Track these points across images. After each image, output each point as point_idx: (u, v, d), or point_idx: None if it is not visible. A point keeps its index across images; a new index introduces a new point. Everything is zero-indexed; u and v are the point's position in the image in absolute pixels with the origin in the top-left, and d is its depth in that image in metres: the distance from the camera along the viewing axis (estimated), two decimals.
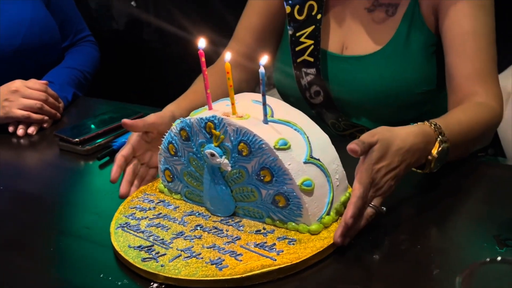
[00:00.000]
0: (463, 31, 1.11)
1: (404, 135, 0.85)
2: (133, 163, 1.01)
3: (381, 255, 0.78)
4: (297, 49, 1.25)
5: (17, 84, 1.35)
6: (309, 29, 1.24)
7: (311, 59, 1.23)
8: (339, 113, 1.24)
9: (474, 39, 1.10)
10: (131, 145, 1.01)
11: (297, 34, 1.25)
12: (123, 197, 0.98)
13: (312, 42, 1.23)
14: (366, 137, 0.80)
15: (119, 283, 0.77)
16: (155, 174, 1.04)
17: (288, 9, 1.26)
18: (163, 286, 0.75)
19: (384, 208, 0.82)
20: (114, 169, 0.98)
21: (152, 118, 1.02)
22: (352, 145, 0.77)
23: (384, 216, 0.83)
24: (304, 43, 1.24)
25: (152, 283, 0.76)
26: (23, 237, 0.93)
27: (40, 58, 1.54)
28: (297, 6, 1.25)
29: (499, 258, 0.52)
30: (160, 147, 0.95)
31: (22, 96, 1.33)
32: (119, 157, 0.99)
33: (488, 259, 0.52)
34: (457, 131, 0.95)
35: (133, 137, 1.02)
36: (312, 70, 1.23)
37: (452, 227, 0.88)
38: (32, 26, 1.52)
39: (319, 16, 1.23)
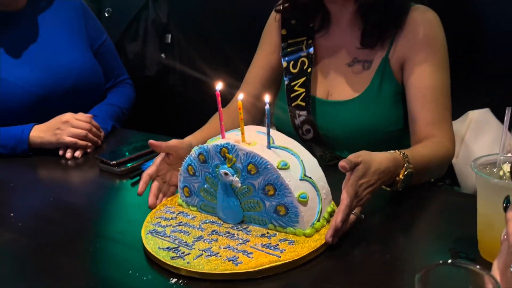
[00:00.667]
0: (424, 86, 1.15)
1: (380, 159, 0.90)
2: (157, 180, 1.03)
3: (360, 256, 0.82)
4: (291, 95, 1.26)
5: (68, 116, 1.37)
6: (301, 80, 1.26)
7: (303, 104, 1.24)
8: (326, 147, 1.26)
9: (433, 93, 1.14)
10: (156, 166, 1.03)
11: (292, 84, 1.27)
12: (151, 207, 1.00)
13: (303, 90, 1.25)
14: (352, 157, 0.85)
15: (144, 278, 0.79)
16: (174, 191, 1.06)
17: (285, 64, 1.29)
18: (180, 281, 0.77)
19: (363, 216, 0.86)
20: (141, 184, 1.01)
21: (173, 142, 1.05)
22: (343, 163, 0.82)
23: (363, 230, 0.86)
24: (297, 91, 1.26)
25: (171, 278, 0.78)
26: (68, 240, 0.95)
27: (87, 96, 1.55)
28: (292, 62, 1.28)
29: (449, 261, 0.54)
30: (180, 168, 0.97)
31: (71, 126, 1.35)
32: (145, 175, 1.02)
33: (441, 262, 0.54)
34: (419, 161, 0.99)
35: (158, 160, 1.05)
36: (304, 113, 1.24)
37: (415, 241, 0.90)
38: (82, 71, 1.53)
39: (309, 70, 1.26)
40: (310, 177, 0.86)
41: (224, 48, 1.92)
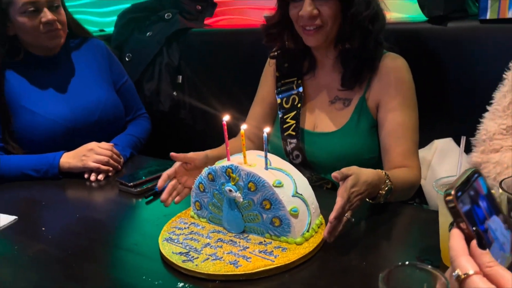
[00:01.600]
0: (396, 123, 1.17)
1: (368, 173, 0.93)
2: (174, 180, 1.06)
3: (341, 262, 0.83)
4: (284, 126, 1.28)
5: (92, 145, 1.38)
6: (292, 113, 1.28)
7: (294, 133, 1.26)
8: (312, 171, 1.26)
9: (403, 129, 1.17)
10: (174, 169, 1.07)
11: (285, 117, 1.29)
12: (163, 202, 1.04)
13: (294, 122, 1.27)
14: (344, 170, 0.88)
15: (156, 283, 0.81)
16: (188, 193, 1.06)
17: (279, 100, 1.31)
18: (186, 284, 0.79)
19: (353, 219, 0.87)
20: (160, 181, 1.05)
21: (191, 154, 1.08)
22: (335, 174, 0.87)
23: (344, 241, 0.87)
24: (289, 122, 1.28)
25: (179, 283, 0.79)
26: (91, 249, 0.96)
27: (110, 128, 1.55)
28: (285, 98, 1.31)
29: (407, 263, 0.55)
30: (195, 176, 0.98)
31: (95, 153, 1.35)
32: (164, 174, 1.05)
33: (400, 263, 0.55)
34: (396, 181, 1.01)
35: (177, 164, 1.08)
36: (294, 141, 1.26)
37: (388, 250, 0.90)
38: (106, 106, 1.54)
39: (299, 105, 1.28)
40: (301, 194, 0.88)
41: (227, 85, 1.93)
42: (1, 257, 0.97)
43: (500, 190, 0.70)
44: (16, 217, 1.10)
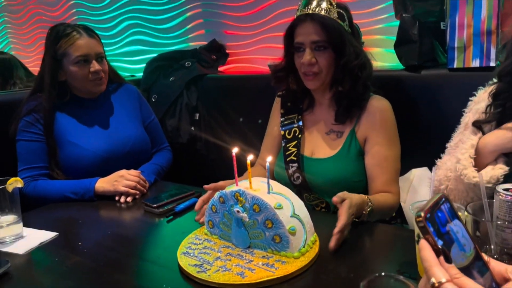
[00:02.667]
0: (381, 155, 1.21)
1: (356, 197, 1.00)
2: (206, 205, 1.07)
3: (332, 274, 0.83)
4: (286, 153, 1.31)
5: (123, 172, 1.39)
6: (294, 143, 1.32)
7: (295, 158, 1.29)
8: (310, 191, 1.28)
9: (386, 161, 1.21)
10: (208, 195, 1.11)
11: (287, 145, 1.32)
12: (197, 221, 1.09)
13: (295, 149, 1.30)
14: (340, 195, 0.96)
15: None
16: None
17: (282, 132, 1.35)
18: None
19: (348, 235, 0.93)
20: (197, 205, 1.11)
21: (221, 183, 1.11)
22: (335, 199, 0.94)
23: (335, 257, 0.88)
24: (291, 150, 1.31)
25: None
26: (120, 262, 0.96)
27: (138, 158, 1.56)
28: (287, 130, 1.35)
29: (383, 273, 0.56)
30: (206, 206, 0.99)
31: (125, 179, 1.36)
32: (200, 200, 1.11)
33: (377, 274, 0.56)
34: (377, 204, 1.06)
35: (209, 192, 1.12)
36: (295, 165, 1.28)
37: (372, 264, 0.89)
38: (136, 140, 1.56)
39: (299, 136, 1.32)
40: (298, 215, 0.89)
41: (236, 122, 1.96)
42: (44, 267, 0.98)
43: (466, 213, 0.72)
44: (57, 233, 1.11)
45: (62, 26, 1.48)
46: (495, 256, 0.70)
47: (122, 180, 1.37)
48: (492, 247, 0.70)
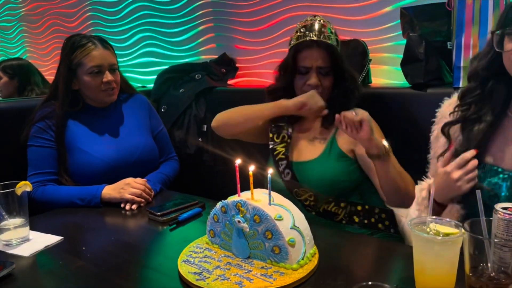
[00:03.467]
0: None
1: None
2: None
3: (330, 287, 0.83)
4: (275, 153, 1.41)
5: (129, 180, 1.40)
6: (282, 145, 1.42)
7: (283, 156, 1.39)
8: (299, 186, 1.35)
9: None
10: None
11: (275, 147, 1.42)
12: None
13: (283, 149, 1.41)
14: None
15: None
16: None
17: (271, 135, 1.45)
18: None
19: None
20: None
21: None
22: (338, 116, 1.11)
23: (333, 269, 0.89)
24: (279, 150, 1.41)
25: None
26: (122, 268, 0.96)
27: (145, 167, 1.57)
28: (276, 134, 1.44)
29: (370, 283, 0.58)
30: (209, 216, 1.00)
31: (131, 187, 1.37)
32: None
33: (364, 283, 0.58)
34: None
35: None
36: (284, 162, 1.38)
37: (369, 278, 0.81)
38: (144, 149, 1.57)
39: (288, 140, 1.42)
40: (298, 227, 0.89)
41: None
42: (47, 270, 1.00)
43: (463, 230, 0.72)
44: (62, 237, 1.12)
45: (78, 37, 1.52)
46: (492, 274, 0.70)
47: (128, 188, 1.38)
48: (489, 265, 0.70)
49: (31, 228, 1.14)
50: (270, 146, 1.43)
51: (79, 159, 1.48)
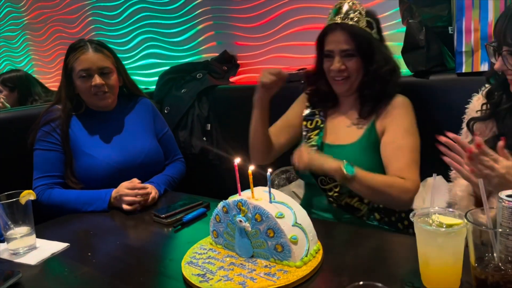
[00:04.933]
0: (394, 144, 1.24)
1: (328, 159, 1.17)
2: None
3: (334, 284, 0.83)
4: (308, 140, 1.36)
5: (120, 190, 1.38)
6: (316, 131, 1.38)
7: (315, 143, 1.34)
8: (326, 175, 1.28)
9: (400, 149, 1.23)
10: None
11: (308, 134, 1.38)
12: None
13: (317, 137, 1.36)
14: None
15: None
16: None
17: (304, 123, 1.42)
18: None
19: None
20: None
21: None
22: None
23: (337, 265, 0.88)
24: (312, 138, 1.37)
25: None
26: (127, 272, 0.97)
27: (150, 169, 1.57)
28: (309, 121, 1.40)
29: (361, 283, 0.56)
30: (211, 217, 1.00)
31: (124, 197, 1.35)
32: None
33: (356, 283, 0.57)
34: (364, 173, 1.14)
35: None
36: (315, 148, 1.32)
37: (377, 274, 0.85)
38: (149, 152, 1.57)
39: (322, 125, 1.38)
40: (300, 224, 0.89)
41: (246, 133, 1.99)
42: (54, 278, 1.00)
43: (465, 221, 0.70)
44: (68, 244, 1.13)
45: (78, 41, 1.53)
46: (498, 264, 0.68)
47: (122, 199, 1.36)
48: (495, 255, 0.68)
49: (38, 236, 1.15)
50: (304, 133, 1.39)
51: (84, 162, 1.49)
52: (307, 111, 1.43)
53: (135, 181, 1.41)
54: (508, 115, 0.99)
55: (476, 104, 1.10)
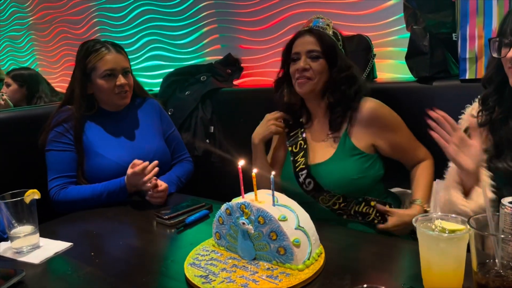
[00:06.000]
0: (395, 145, 1.33)
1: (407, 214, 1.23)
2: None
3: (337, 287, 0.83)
4: (296, 164, 1.37)
5: (137, 162, 1.38)
6: (301, 153, 1.38)
7: (304, 166, 1.35)
8: (324, 191, 1.32)
9: (402, 144, 1.33)
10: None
11: (295, 158, 1.38)
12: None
13: (303, 159, 1.37)
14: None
15: None
16: None
17: (290, 148, 1.42)
18: None
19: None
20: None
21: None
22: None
23: (340, 269, 0.88)
24: (299, 161, 1.37)
25: None
26: (129, 272, 0.98)
27: (159, 169, 1.48)
28: (294, 145, 1.41)
29: (365, 285, 0.56)
30: (214, 219, 1.00)
31: (142, 183, 1.37)
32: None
33: (360, 286, 0.56)
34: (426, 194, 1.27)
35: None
36: (305, 172, 1.34)
37: (377, 277, 0.87)
38: (157, 152, 1.58)
39: (305, 146, 1.39)
40: (303, 227, 0.89)
41: (248, 136, 2.00)
42: (56, 277, 1.01)
43: (468, 227, 0.70)
44: (72, 243, 1.13)
45: (92, 42, 1.55)
46: (500, 271, 0.68)
47: (142, 184, 1.39)
48: (497, 261, 0.69)
49: (42, 235, 1.15)
50: (291, 158, 1.39)
51: (95, 162, 1.50)
52: (288, 137, 1.44)
53: (136, 163, 1.40)
54: (502, 126, 1.00)
55: (468, 114, 1.10)
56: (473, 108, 1.10)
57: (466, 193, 0.98)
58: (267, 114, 1.42)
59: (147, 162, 1.40)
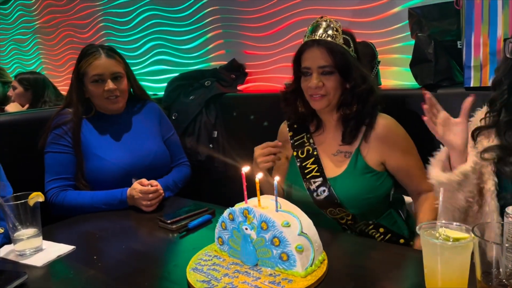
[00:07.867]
0: (403, 168, 1.28)
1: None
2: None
3: None
4: (305, 171, 1.32)
5: (145, 182, 1.41)
6: (311, 160, 1.32)
7: (318, 174, 1.30)
8: (336, 204, 1.27)
9: (410, 170, 1.27)
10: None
11: (303, 164, 1.33)
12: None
13: (315, 166, 1.31)
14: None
15: None
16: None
17: (295, 153, 1.37)
18: None
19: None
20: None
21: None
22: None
23: (344, 276, 0.88)
24: (309, 167, 1.31)
25: None
26: (131, 276, 0.97)
27: (157, 171, 1.57)
28: (300, 150, 1.36)
29: None
30: (217, 224, 1.00)
31: (141, 200, 1.39)
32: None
33: None
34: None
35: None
36: (319, 179, 1.29)
37: (380, 284, 0.87)
38: (156, 154, 1.59)
39: (315, 153, 1.33)
40: (306, 233, 0.88)
41: (250, 141, 1.99)
42: (59, 280, 1.01)
43: (472, 235, 0.70)
44: (74, 247, 1.13)
45: (89, 46, 1.57)
46: (503, 280, 0.68)
47: (138, 203, 1.40)
48: (501, 270, 0.68)
49: (44, 238, 1.16)
50: (298, 164, 1.34)
51: (94, 164, 1.51)
52: (292, 141, 1.39)
53: (144, 182, 1.42)
54: (508, 129, 1.00)
55: (478, 118, 1.10)
56: (483, 112, 1.10)
57: None
58: (255, 147, 1.31)
59: (154, 188, 1.41)
